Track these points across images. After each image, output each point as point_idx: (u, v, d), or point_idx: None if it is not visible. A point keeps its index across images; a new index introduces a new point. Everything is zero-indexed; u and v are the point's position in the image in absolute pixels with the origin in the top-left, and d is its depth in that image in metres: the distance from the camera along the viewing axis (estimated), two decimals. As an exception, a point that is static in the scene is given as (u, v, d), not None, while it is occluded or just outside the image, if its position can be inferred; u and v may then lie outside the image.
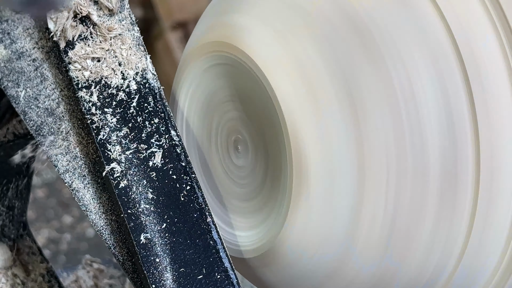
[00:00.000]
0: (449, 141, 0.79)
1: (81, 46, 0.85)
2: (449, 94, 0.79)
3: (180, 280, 0.81)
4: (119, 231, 0.85)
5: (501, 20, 0.80)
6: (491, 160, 0.79)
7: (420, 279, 0.83)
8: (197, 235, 0.82)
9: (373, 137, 0.79)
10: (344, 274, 0.84)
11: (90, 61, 0.85)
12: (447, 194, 0.79)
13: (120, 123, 0.84)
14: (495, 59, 0.79)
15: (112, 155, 0.83)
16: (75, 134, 0.86)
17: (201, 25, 0.94)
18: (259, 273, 0.90)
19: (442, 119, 0.78)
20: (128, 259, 0.85)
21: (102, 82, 0.84)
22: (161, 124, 0.85)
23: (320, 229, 0.82)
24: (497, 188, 0.79)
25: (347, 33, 0.80)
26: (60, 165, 0.85)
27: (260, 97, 0.85)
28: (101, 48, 0.85)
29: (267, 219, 0.87)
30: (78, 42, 0.85)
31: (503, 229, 0.81)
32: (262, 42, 0.84)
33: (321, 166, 0.81)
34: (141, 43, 0.87)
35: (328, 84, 0.80)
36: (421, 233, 0.80)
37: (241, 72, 0.86)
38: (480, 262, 0.82)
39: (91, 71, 0.84)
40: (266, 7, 0.85)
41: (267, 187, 0.87)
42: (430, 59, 0.79)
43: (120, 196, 0.82)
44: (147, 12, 2.48)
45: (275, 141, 0.84)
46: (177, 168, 0.84)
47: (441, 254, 0.81)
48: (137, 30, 0.87)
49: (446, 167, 0.79)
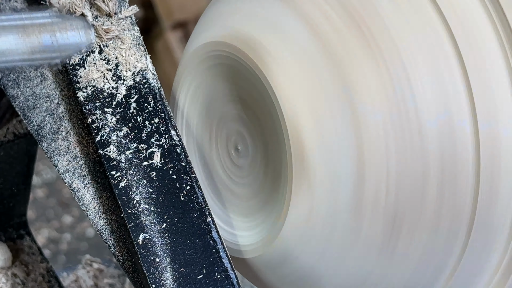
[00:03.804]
0: (449, 142, 0.79)
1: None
2: (449, 94, 0.79)
3: (180, 280, 0.81)
4: (119, 231, 0.85)
5: (501, 20, 0.80)
6: (491, 160, 0.79)
7: (420, 279, 0.83)
8: (197, 235, 0.82)
9: (373, 137, 0.79)
10: (345, 273, 0.84)
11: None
12: (447, 194, 0.79)
13: (120, 123, 0.84)
14: (496, 59, 0.79)
15: (112, 155, 0.83)
16: (75, 134, 0.86)
17: (201, 25, 0.94)
18: (259, 273, 0.90)
19: (442, 119, 0.78)
20: (128, 259, 0.85)
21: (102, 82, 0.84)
22: (161, 124, 0.85)
23: (320, 229, 0.82)
24: (497, 187, 0.79)
25: (347, 32, 0.80)
26: (60, 165, 0.85)
27: (260, 97, 0.85)
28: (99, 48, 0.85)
29: (267, 219, 0.87)
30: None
31: (503, 229, 0.81)
32: (262, 42, 0.84)
33: (321, 166, 0.81)
34: (141, 43, 0.87)
35: (328, 84, 0.80)
36: (421, 231, 0.80)
37: (241, 72, 0.86)
38: (480, 262, 0.82)
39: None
40: (266, 7, 0.85)
41: (267, 187, 0.87)
42: (430, 58, 0.79)
43: (120, 196, 0.82)
44: (147, 12, 2.48)
45: (275, 141, 0.84)
46: (177, 168, 0.84)
47: (441, 253, 0.81)
48: (137, 30, 0.87)
49: (446, 167, 0.79)
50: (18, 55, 0.78)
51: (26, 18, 0.78)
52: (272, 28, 0.84)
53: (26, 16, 0.79)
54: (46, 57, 0.80)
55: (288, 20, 0.83)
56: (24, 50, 0.78)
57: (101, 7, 0.85)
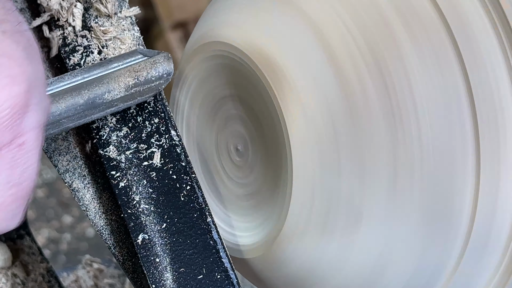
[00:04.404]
0: (449, 141, 0.79)
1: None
2: (449, 94, 0.79)
3: (180, 280, 0.81)
4: (119, 231, 0.85)
5: (501, 20, 0.80)
6: (491, 160, 0.79)
7: (419, 280, 0.83)
8: (197, 235, 0.82)
9: (373, 138, 0.79)
10: (345, 273, 0.84)
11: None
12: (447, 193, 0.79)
13: (120, 123, 0.84)
14: (496, 59, 0.79)
15: (112, 155, 0.83)
16: (75, 134, 0.86)
17: (201, 25, 0.94)
18: (259, 273, 0.90)
19: (442, 119, 0.78)
20: (128, 259, 0.85)
21: (102, 82, 0.84)
22: (161, 124, 0.85)
23: (320, 228, 0.82)
24: (497, 188, 0.79)
25: (347, 31, 0.80)
26: (60, 165, 0.85)
27: (260, 97, 0.85)
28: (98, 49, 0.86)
29: (268, 219, 0.87)
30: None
31: (503, 229, 0.81)
32: (262, 42, 0.84)
33: (321, 166, 0.81)
34: (141, 43, 0.87)
35: (328, 83, 0.80)
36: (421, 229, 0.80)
37: (241, 72, 0.86)
38: (480, 262, 0.82)
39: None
40: (266, 7, 0.85)
41: (267, 186, 0.87)
42: (430, 58, 0.79)
43: (120, 196, 0.82)
44: (147, 12, 2.48)
45: (275, 141, 0.84)
46: (177, 168, 0.84)
47: (440, 254, 0.81)
48: (137, 30, 0.87)
49: (446, 167, 0.79)
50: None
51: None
52: (273, 27, 0.84)
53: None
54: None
55: (294, 28, 0.82)
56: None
57: (99, 9, 0.85)
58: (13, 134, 0.65)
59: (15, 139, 0.65)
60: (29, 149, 0.66)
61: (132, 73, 0.80)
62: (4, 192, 0.66)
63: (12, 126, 0.64)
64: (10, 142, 0.65)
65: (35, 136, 0.67)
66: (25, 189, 0.68)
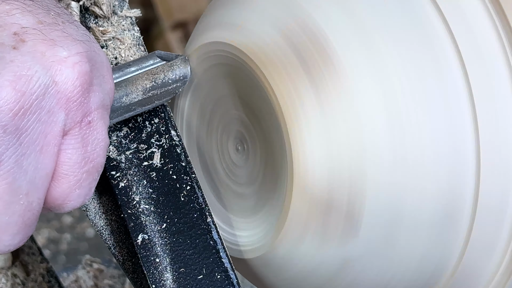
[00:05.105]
0: (449, 141, 0.79)
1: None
2: (449, 93, 0.79)
3: (180, 280, 0.81)
4: (119, 231, 0.85)
5: (501, 20, 0.80)
6: (492, 159, 0.79)
7: (420, 280, 0.83)
8: (197, 235, 0.82)
9: (373, 138, 0.79)
10: (345, 274, 0.84)
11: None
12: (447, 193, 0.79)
13: (120, 123, 0.84)
14: (496, 59, 0.79)
15: (112, 155, 0.83)
16: (75, 134, 0.86)
17: (201, 25, 0.94)
18: (260, 274, 0.90)
19: (442, 119, 0.78)
20: (128, 259, 0.85)
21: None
22: (161, 124, 0.85)
23: (321, 228, 0.82)
24: (497, 187, 0.79)
25: (346, 31, 0.80)
26: (60, 165, 0.85)
27: (260, 97, 0.84)
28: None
29: (268, 219, 0.87)
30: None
31: (503, 229, 0.81)
32: (262, 42, 0.84)
33: (321, 166, 0.81)
34: (141, 43, 0.87)
35: (328, 83, 0.80)
36: (422, 230, 0.80)
37: (241, 72, 0.86)
38: (480, 262, 0.82)
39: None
40: (266, 7, 0.85)
41: (267, 187, 0.87)
42: (430, 58, 0.79)
43: (120, 196, 0.82)
44: (147, 12, 2.48)
45: (275, 141, 0.84)
46: (177, 168, 0.84)
47: (441, 254, 0.81)
48: (137, 30, 0.87)
49: (446, 166, 0.79)
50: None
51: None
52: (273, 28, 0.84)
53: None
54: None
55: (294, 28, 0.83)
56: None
57: (95, 11, 0.86)
58: (84, 112, 0.69)
59: (84, 117, 0.69)
60: (96, 126, 0.70)
61: (149, 76, 0.81)
62: (80, 170, 0.70)
63: (82, 104, 0.69)
64: (81, 121, 0.69)
65: (100, 115, 0.71)
66: (97, 166, 0.72)
